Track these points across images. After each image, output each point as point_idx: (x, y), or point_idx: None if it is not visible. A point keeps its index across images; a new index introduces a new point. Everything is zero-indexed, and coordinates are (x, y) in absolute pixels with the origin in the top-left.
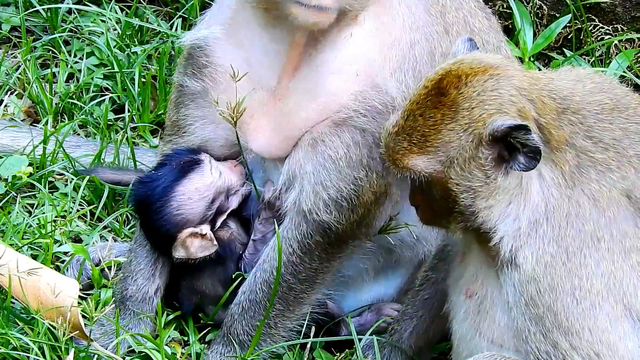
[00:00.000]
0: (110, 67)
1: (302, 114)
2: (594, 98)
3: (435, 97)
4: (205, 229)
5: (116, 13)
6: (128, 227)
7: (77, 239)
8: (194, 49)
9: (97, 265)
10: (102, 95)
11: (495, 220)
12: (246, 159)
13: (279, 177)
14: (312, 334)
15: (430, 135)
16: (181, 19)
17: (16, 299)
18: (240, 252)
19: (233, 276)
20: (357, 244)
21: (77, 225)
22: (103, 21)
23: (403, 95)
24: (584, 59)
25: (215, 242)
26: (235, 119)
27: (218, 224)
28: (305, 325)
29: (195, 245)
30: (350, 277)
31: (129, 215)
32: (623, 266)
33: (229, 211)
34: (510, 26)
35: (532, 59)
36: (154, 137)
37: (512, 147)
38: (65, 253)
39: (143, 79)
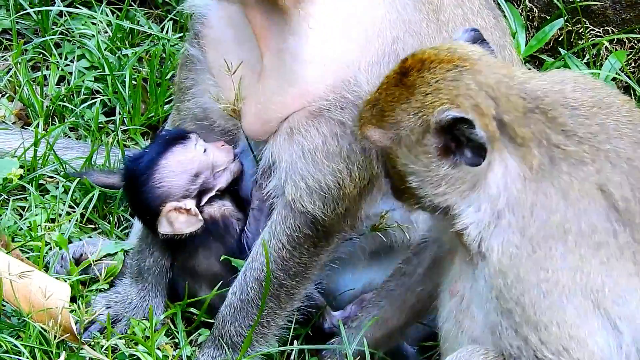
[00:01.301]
0: (101, 70)
1: (279, 98)
2: (573, 96)
3: (399, 75)
4: (190, 203)
5: (107, 16)
6: (119, 229)
7: (69, 242)
8: (193, 15)
9: (78, 261)
10: (93, 98)
11: (459, 209)
12: (246, 136)
13: (263, 158)
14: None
15: (386, 110)
16: (172, 21)
17: (7, 302)
18: (240, 229)
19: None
20: (345, 237)
21: (68, 228)
22: (94, 24)
23: None
24: (577, 60)
25: (200, 218)
26: (234, 109)
27: (204, 201)
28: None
29: (180, 220)
30: (344, 259)
31: (120, 217)
32: (592, 261)
33: (216, 189)
34: None
35: (523, 61)
36: (145, 140)
37: (458, 139)
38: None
39: (134, 82)
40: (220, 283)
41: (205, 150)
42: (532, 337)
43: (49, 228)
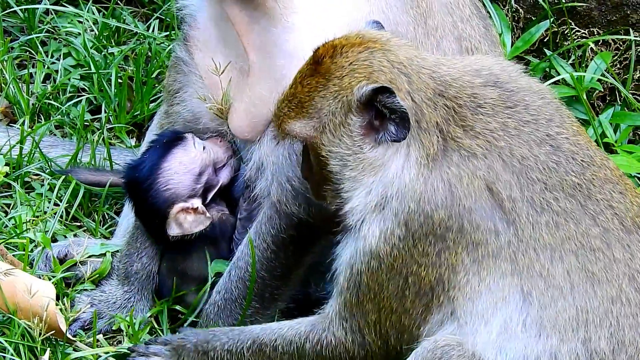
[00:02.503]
0: (87, 68)
1: (265, 95)
2: (481, 91)
3: (313, 65)
4: (197, 202)
5: (93, 14)
6: (104, 227)
7: (53, 240)
8: (182, 17)
9: (63, 260)
10: (78, 96)
11: (353, 191)
12: (234, 137)
13: (251, 160)
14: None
15: (305, 101)
16: (158, 20)
17: None
18: (230, 234)
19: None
20: (331, 240)
21: (52, 225)
22: (80, 22)
23: None
24: (562, 61)
25: (208, 215)
26: (221, 109)
27: (209, 198)
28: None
29: (189, 220)
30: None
31: (105, 215)
32: (465, 259)
33: (219, 185)
34: None
35: None
36: (130, 138)
37: (381, 114)
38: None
39: (120, 80)
40: (208, 284)
41: (204, 148)
42: (372, 317)
43: (33, 224)
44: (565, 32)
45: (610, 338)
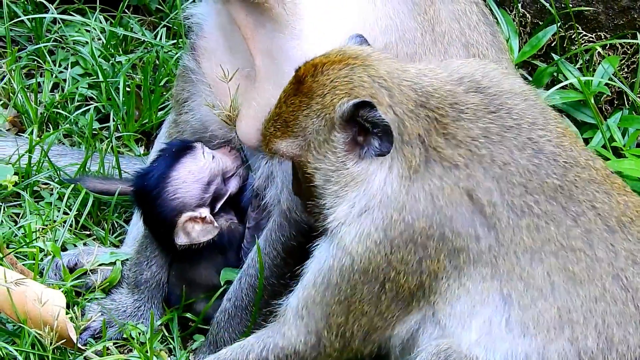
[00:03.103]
0: (94, 77)
1: (272, 105)
2: (463, 98)
3: (295, 85)
4: (205, 212)
5: (100, 23)
6: (114, 235)
7: (62, 249)
8: (190, 26)
9: (73, 269)
10: (86, 105)
11: (336, 207)
12: (242, 145)
13: (260, 168)
14: None
15: (289, 120)
16: (165, 28)
17: (1, 311)
18: (239, 244)
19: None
20: None
21: (62, 234)
22: (87, 31)
23: None
24: (570, 65)
25: (216, 225)
26: (229, 116)
27: (217, 208)
28: None
29: (196, 229)
30: None
31: (114, 223)
32: (447, 265)
33: (227, 195)
34: None
35: (516, 67)
36: (139, 146)
37: (365, 129)
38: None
39: (128, 88)
40: (218, 293)
41: (213, 157)
42: (337, 319)
43: (43, 232)
44: (573, 37)
45: (598, 337)
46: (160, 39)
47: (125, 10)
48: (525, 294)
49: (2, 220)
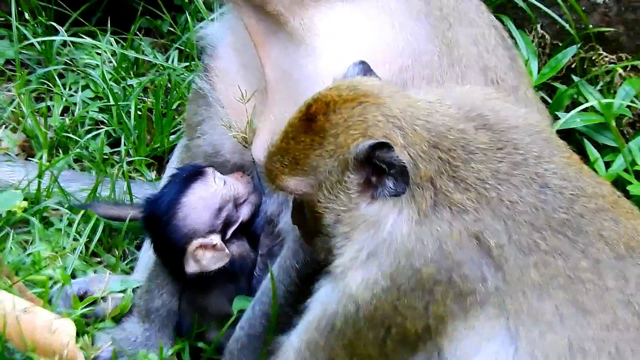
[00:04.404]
0: (105, 100)
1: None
2: (473, 137)
3: (305, 122)
4: (216, 238)
5: (111, 45)
6: (125, 262)
7: (72, 276)
8: (203, 47)
9: (83, 297)
10: (97, 129)
11: (344, 248)
12: (257, 168)
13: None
14: None
15: (300, 158)
16: (177, 50)
17: (9, 341)
18: (251, 271)
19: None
20: None
21: (72, 262)
22: (98, 54)
23: None
24: (590, 87)
25: (227, 252)
26: (245, 137)
27: (229, 234)
28: None
29: (207, 257)
30: None
31: (125, 250)
32: (454, 308)
33: (239, 221)
34: None
35: (535, 89)
36: (150, 171)
37: (379, 170)
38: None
39: (139, 112)
40: (230, 321)
41: (225, 183)
42: None
43: (53, 260)
44: (593, 58)
45: None
46: (172, 61)
47: (137, 32)
48: (533, 329)
49: (11, 247)
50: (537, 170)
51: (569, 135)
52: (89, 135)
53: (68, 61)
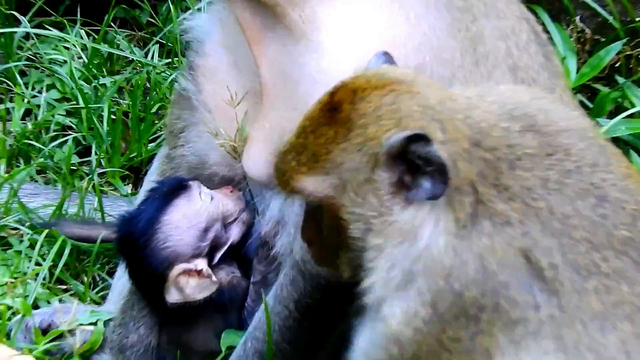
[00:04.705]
0: (74, 102)
1: (286, 131)
2: (519, 139)
3: (328, 112)
4: (201, 263)
5: (81, 38)
6: (95, 290)
7: (34, 306)
8: (188, 42)
9: (46, 330)
10: (64, 135)
11: (375, 262)
12: (248, 182)
13: (269, 211)
14: None
15: (321, 154)
16: (158, 45)
17: None
18: (242, 301)
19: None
20: None
21: (34, 290)
22: (66, 48)
23: None
24: (637, 89)
25: (214, 279)
26: (234, 146)
27: (216, 258)
28: None
29: (191, 285)
30: None
31: (96, 276)
32: (502, 340)
33: (229, 243)
34: None
35: (574, 91)
36: (125, 185)
37: (414, 167)
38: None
39: (113, 116)
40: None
41: (212, 199)
42: None
43: (11, 287)
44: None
45: None
46: (152, 57)
47: (111, 24)
48: None
49: None
50: (593, 179)
51: None
52: (55, 143)
53: (31, 56)
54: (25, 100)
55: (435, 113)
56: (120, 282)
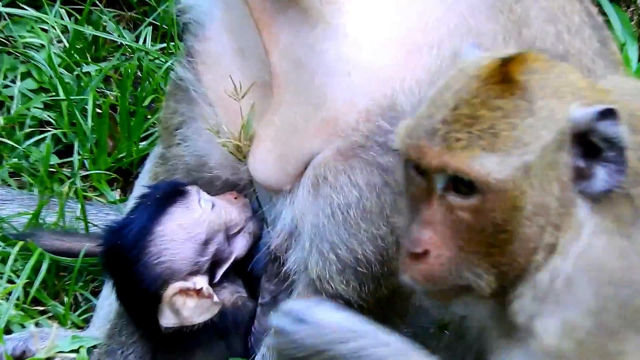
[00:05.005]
0: (53, 93)
1: (299, 128)
2: None
3: (499, 84)
4: (201, 282)
5: (62, 19)
6: (77, 312)
7: (6, 331)
8: (187, 25)
9: (20, 357)
10: (41, 132)
11: (544, 266)
12: (255, 187)
13: (279, 221)
14: None
15: (502, 130)
16: (151, 27)
17: None
18: (248, 325)
19: None
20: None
21: (6, 311)
22: (44, 30)
23: None
24: None
25: (216, 300)
26: (238, 146)
27: (218, 275)
28: None
29: (189, 306)
30: None
31: (78, 296)
32: None
33: (232, 258)
34: None
35: None
36: (112, 190)
37: (591, 151)
38: None
39: (99, 110)
40: None
41: (213, 207)
42: None
43: None
44: None
45: None
46: (144, 41)
47: (96, 2)
48: None
49: None
50: None
51: None
52: (31, 140)
53: (3, 40)
54: None
55: (605, 94)
56: (107, 302)
